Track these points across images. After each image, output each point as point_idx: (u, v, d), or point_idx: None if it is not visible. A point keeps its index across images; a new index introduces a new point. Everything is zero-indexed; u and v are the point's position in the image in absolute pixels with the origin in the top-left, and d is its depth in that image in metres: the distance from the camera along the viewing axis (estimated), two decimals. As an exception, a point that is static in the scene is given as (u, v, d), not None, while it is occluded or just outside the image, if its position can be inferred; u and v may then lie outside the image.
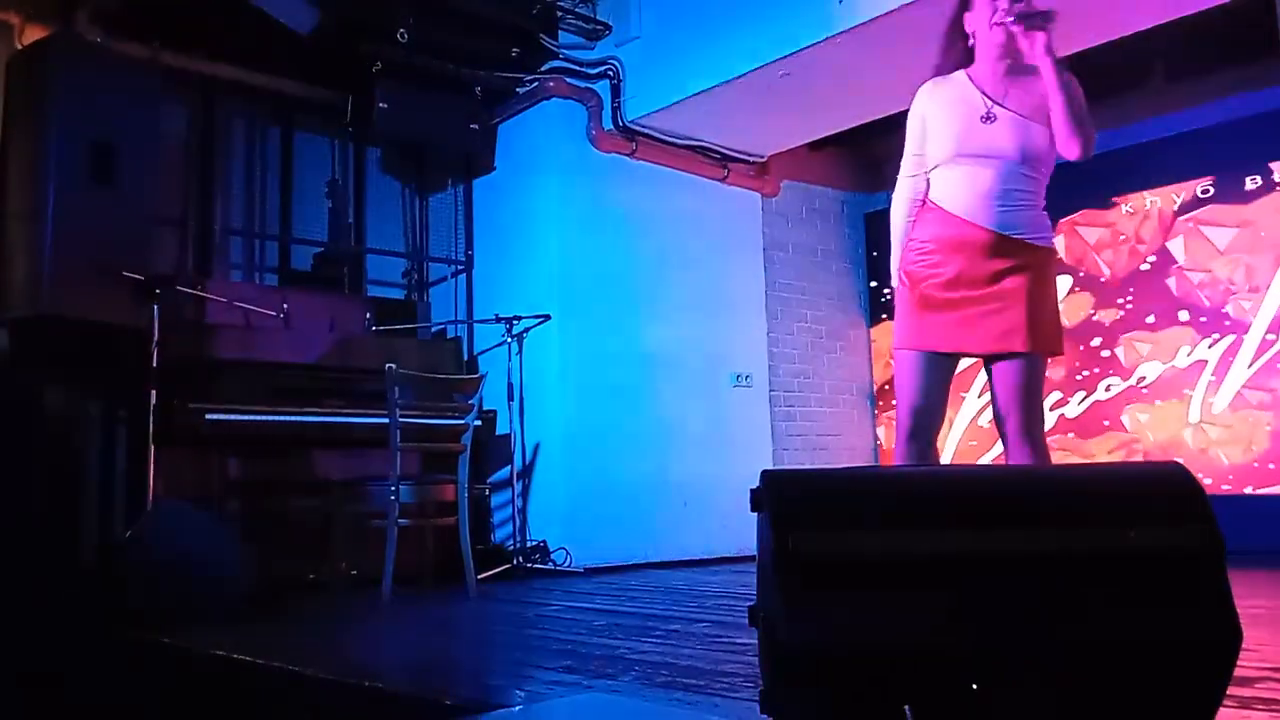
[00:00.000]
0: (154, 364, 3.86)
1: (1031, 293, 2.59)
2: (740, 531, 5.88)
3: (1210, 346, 5.35)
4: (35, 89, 4.03)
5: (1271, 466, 5.12)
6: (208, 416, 4.24)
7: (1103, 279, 5.82)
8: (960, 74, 2.75)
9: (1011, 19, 2.57)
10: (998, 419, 2.70)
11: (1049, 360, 2.70)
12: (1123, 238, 5.75)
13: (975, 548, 1.46)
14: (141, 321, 3.93)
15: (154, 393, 3.86)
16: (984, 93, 2.67)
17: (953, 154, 2.66)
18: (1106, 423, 5.74)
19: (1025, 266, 2.60)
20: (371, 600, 3.91)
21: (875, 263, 6.99)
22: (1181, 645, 1.45)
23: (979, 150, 2.63)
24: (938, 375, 2.71)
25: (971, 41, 2.74)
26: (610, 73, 5.70)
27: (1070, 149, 2.58)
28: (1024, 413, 2.63)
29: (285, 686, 2.49)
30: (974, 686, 1.42)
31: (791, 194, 6.68)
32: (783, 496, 1.51)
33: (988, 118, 2.63)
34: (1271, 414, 5.15)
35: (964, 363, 2.80)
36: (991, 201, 2.60)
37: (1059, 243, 5.99)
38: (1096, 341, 5.84)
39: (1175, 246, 5.56)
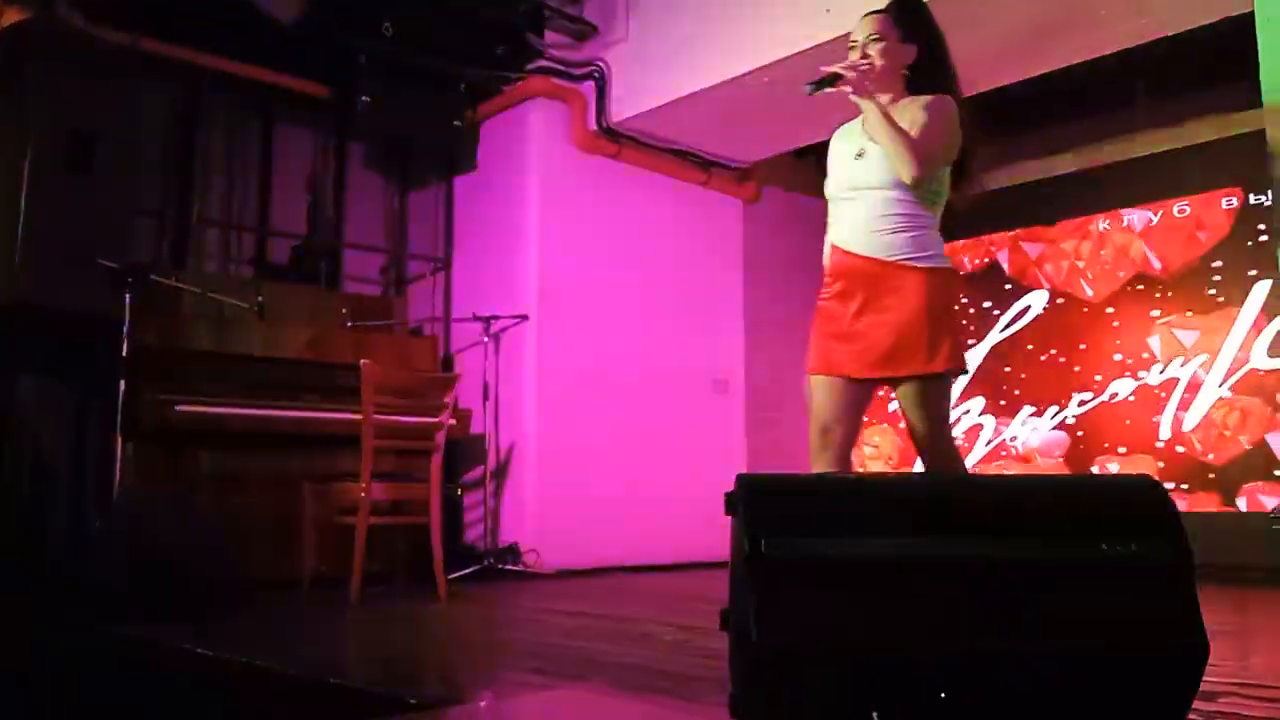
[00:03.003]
0: (126, 354, 3.82)
1: (909, 312, 2.67)
2: (714, 536, 5.87)
3: (1183, 365, 5.41)
4: (13, 74, 3.98)
5: (1246, 484, 5.17)
6: (179, 408, 4.20)
7: (1080, 295, 5.87)
8: (858, 119, 2.90)
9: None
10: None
11: (945, 374, 2.71)
12: (1102, 254, 5.81)
13: (946, 555, 1.46)
14: (116, 311, 3.89)
15: (125, 383, 3.81)
16: (865, 131, 2.81)
17: (834, 192, 2.87)
18: (1080, 434, 5.79)
19: (904, 287, 2.68)
20: (340, 598, 3.88)
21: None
22: (1149, 657, 1.46)
23: (852, 185, 2.80)
24: (842, 397, 2.78)
25: None
26: (596, 74, 5.70)
27: (902, 174, 2.67)
28: (929, 439, 2.70)
29: (251, 682, 2.46)
30: (941, 695, 1.42)
31: (773, 201, 6.70)
32: (756, 500, 1.51)
33: (859, 155, 2.79)
34: (1241, 431, 5.20)
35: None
36: (867, 231, 2.75)
37: (1033, 262, 6.06)
38: (1077, 364, 5.88)
39: (1150, 264, 5.62)
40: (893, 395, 2.78)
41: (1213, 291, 5.35)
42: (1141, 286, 5.63)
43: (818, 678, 1.41)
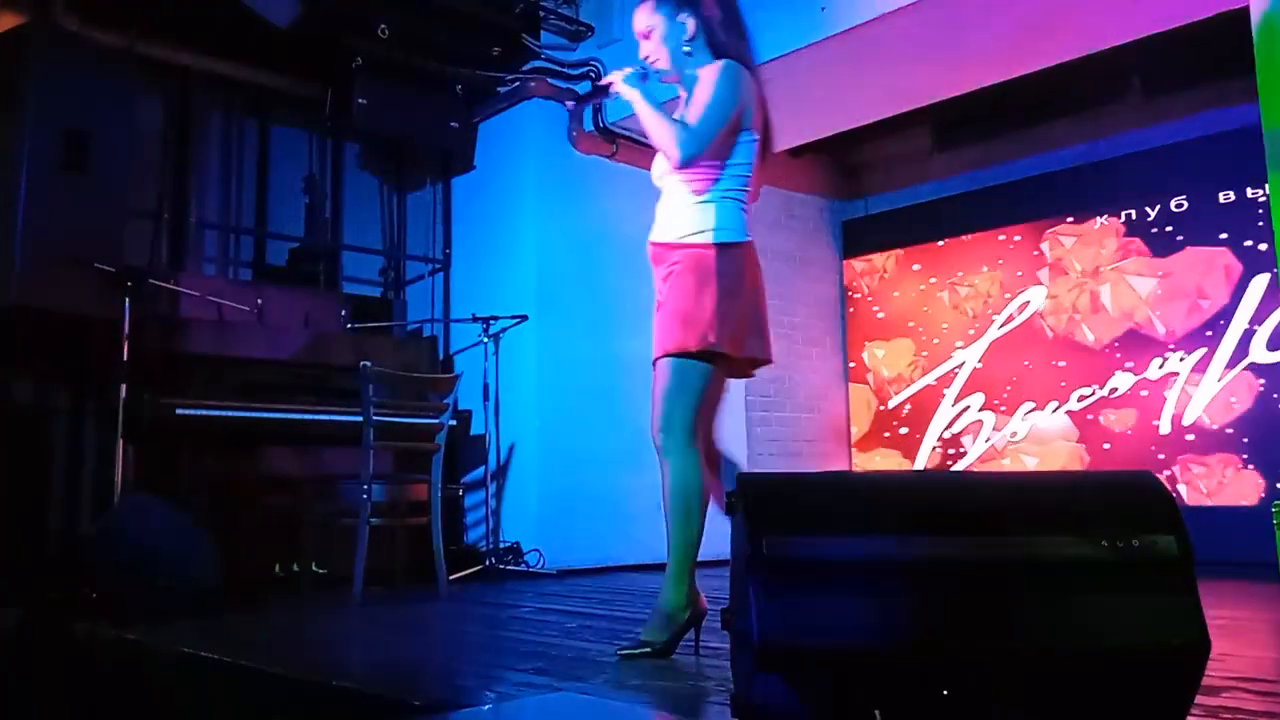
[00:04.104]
0: (124, 357, 3.82)
1: (675, 293, 2.67)
2: (714, 535, 5.88)
3: (1182, 360, 5.41)
4: (10, 77, 3.98)
5: (1249, 468, 5.17)
6: (178, 411, 4.19)
7: (1077, 289, 5.87)
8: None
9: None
10: None
11: (706, 361, 2.65)
12: (1101, 252, 5.81)
13: (947, 553, 1.46)
14: (113, 314, 3.88)
15: (124, 386, 3.81)
16: None
17: (655, 182, 2.90)
18: (1075, 432, 5.79)
19: (676, 267, 2.69)
20: (341, 599, 3.88)
21: (852, 270, 7.02)
22: (1151, 653, 1.46)
23: (660, 174, 2.82)
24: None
25: None
26: (592, 74, 5.68)
27: (670, 161, 2.68)
28: (656, 422, 2.73)
29: (251, 684, 2.46)
30: (944, 692, 1.42)
31: (771, 200, 6.70)
32: (757, 500, 1.51)
33: None
34: (1238, 425, 5.21)
35: (942, 368, 2.73)
36: (660, 215, 2.78)
37: (1045, 247, 6.06)
38: (1077, 360, 5.89)
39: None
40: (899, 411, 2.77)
41: (1213, 283, 5.35)
42: (1137, 278, 5.64)
43: (820, 677, 1.41)
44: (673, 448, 2.65)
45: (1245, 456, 5.17)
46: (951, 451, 6.33)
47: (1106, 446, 5.66)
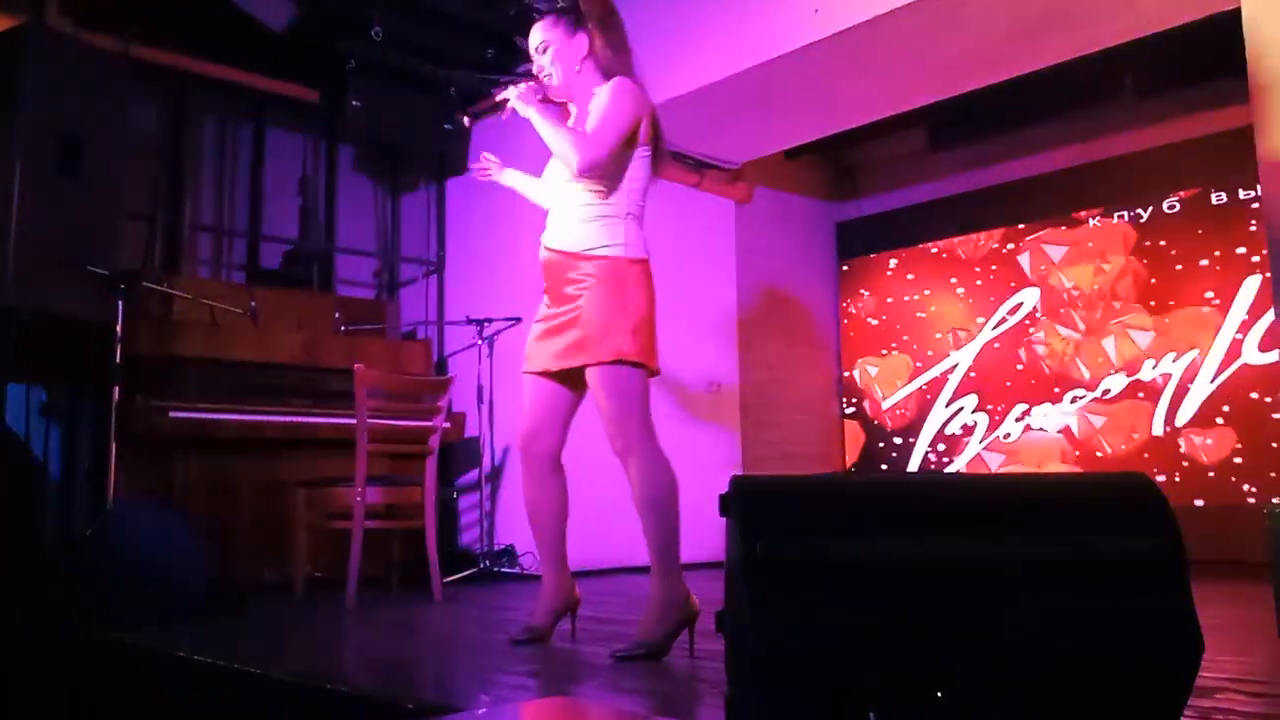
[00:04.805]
0: (117, 360, 3.81)
1: (595, 304, 2.70)
2: (709, 538, 5.89)
3: (1175, 360, 5.42)
4: (4, 79, 3.96)
5: (1242, 469, 5.18)
6: (171, 414, 4.19)
7: (1066, 292, 5.89)
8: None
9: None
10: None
11: (618, 364, 2.68)
12: (1105, 266, 5.82)
13: (941, 555, 1.47)
14: (106, 316, 3.87)
15: (117, 389, 3.80)
16: None
17: (548, 192, 2.94)
18: (1067, 434, 5.80)
19: (589, 279, 2.71)
20: (336, 602, 3.87)
21: (847, 273, 7.03)
22: (1144, 655, 1.46)
23: (552, 182, 2.90)
24: (540, 396, 2.92)
25: None
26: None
27: (570, 170, 2.70)
28: (614, 427, 2.76)
29: (245, 688, 2.45)
30: (939, 694, 1.42)
31: (765, 202, 6.70)
32: (751, 502, 1.51)
33: (554, 154, 2.83)
34: (1231, 426, 5.22)
35: (935, 369, 2.72)
36: (559, 224, 2.81)
37: (1024, 260, 6.08)
38: (1070, 362, 5.90)
39: (1139, 260, 5.63)
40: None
41: (1206, 283, 5.37)
42: (1127, 279, 5.65)
43: (814, 680, 1.41)
44: (634, 447, 2.77)
45: (1239, 461, 5.19)
46: (946, 461, 6.34)
47: (1100, 455, 5.67)
